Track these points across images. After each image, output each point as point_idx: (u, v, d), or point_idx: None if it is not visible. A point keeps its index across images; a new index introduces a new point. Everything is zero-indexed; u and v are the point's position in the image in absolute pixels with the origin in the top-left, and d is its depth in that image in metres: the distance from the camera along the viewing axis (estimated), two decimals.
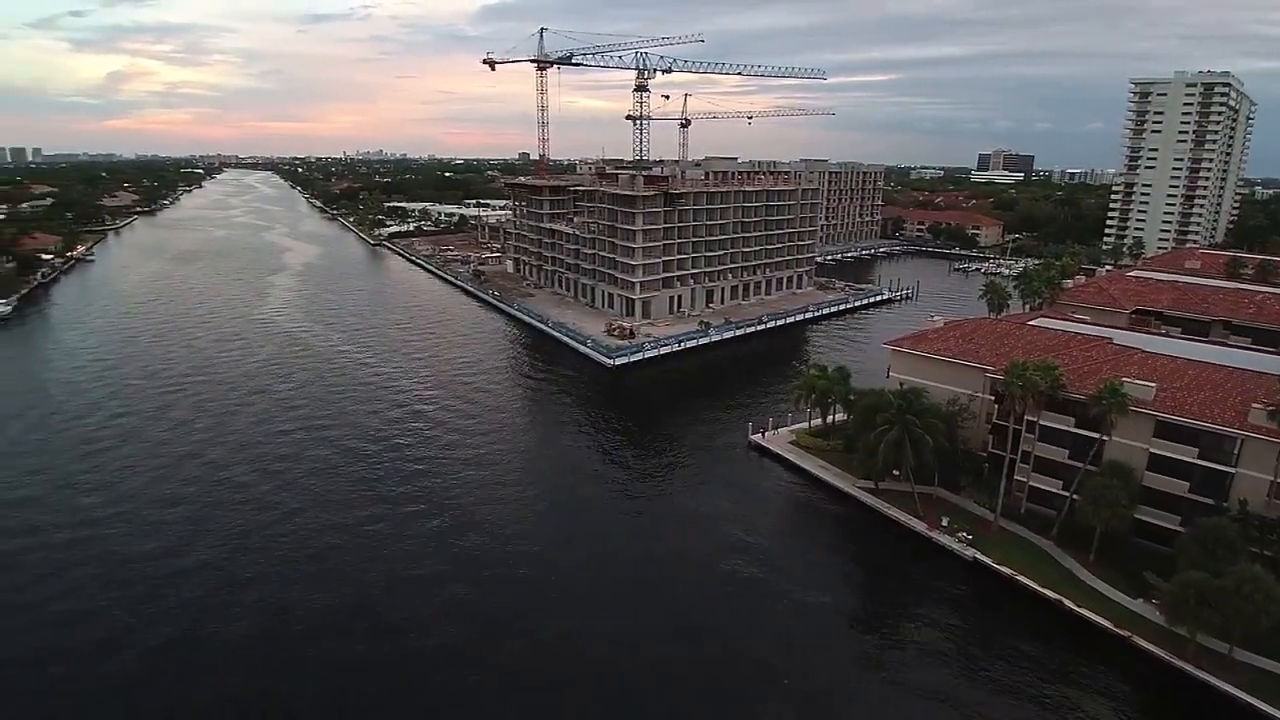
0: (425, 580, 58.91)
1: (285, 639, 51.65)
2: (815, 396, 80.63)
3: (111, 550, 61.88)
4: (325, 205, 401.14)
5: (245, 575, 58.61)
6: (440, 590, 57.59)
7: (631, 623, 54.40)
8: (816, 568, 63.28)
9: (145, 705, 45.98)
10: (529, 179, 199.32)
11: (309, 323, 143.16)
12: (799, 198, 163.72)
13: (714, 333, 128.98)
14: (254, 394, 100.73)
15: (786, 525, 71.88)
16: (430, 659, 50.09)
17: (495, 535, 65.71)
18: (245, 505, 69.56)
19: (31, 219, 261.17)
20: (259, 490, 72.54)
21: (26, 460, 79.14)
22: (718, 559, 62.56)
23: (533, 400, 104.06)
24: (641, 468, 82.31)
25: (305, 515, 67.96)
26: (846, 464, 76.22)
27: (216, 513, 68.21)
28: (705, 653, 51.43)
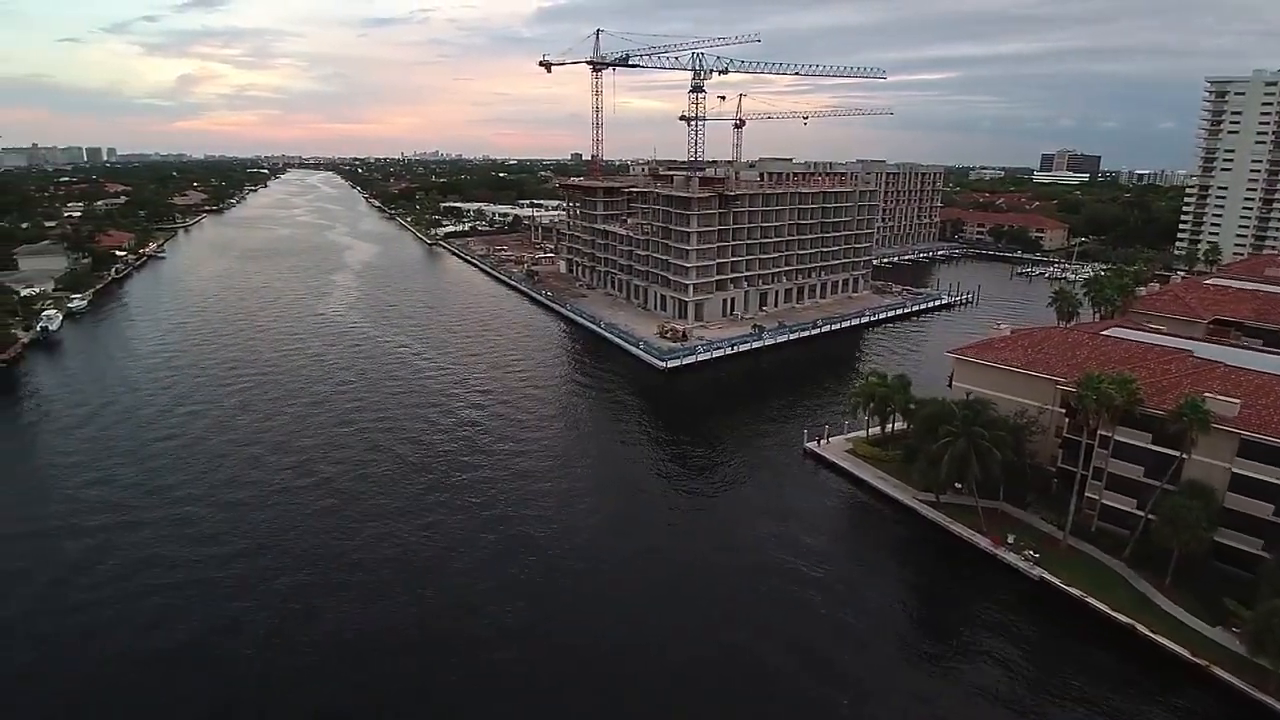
0: (474, 581, 59.51)
1: (328, 632, 52.62)
2: (874, 405, 78.86)
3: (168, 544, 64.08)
4: (384, 205, 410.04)
5: (298, 566, 60.01)
6: (489, 589, 58.12)
7: (675, 635, 53.77)
8: (873, 582, 61.87)
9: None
10: (583, 180, 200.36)
11: (368, 321, 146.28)
12: (856, 199, 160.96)
13: (767, 336, 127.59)
14: (314, 392, 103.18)
15: (842, 537, 70.45)
16: (477, 657, 50.44)
17: (545, 536, 65.96)
18: (294, 501, 71.20)
19: (106, 217, 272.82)
20: (308, 485, 74.21)
21: (102, 453, 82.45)
22: (769, 571, 61.61)
23: (584, 401, 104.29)
24: (693, 472, 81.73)
25: (356, 510, 69.28)
26: (906, 475, 74.42)
27: (270, 510, 69.97)
28: (753, 669, 50.45)
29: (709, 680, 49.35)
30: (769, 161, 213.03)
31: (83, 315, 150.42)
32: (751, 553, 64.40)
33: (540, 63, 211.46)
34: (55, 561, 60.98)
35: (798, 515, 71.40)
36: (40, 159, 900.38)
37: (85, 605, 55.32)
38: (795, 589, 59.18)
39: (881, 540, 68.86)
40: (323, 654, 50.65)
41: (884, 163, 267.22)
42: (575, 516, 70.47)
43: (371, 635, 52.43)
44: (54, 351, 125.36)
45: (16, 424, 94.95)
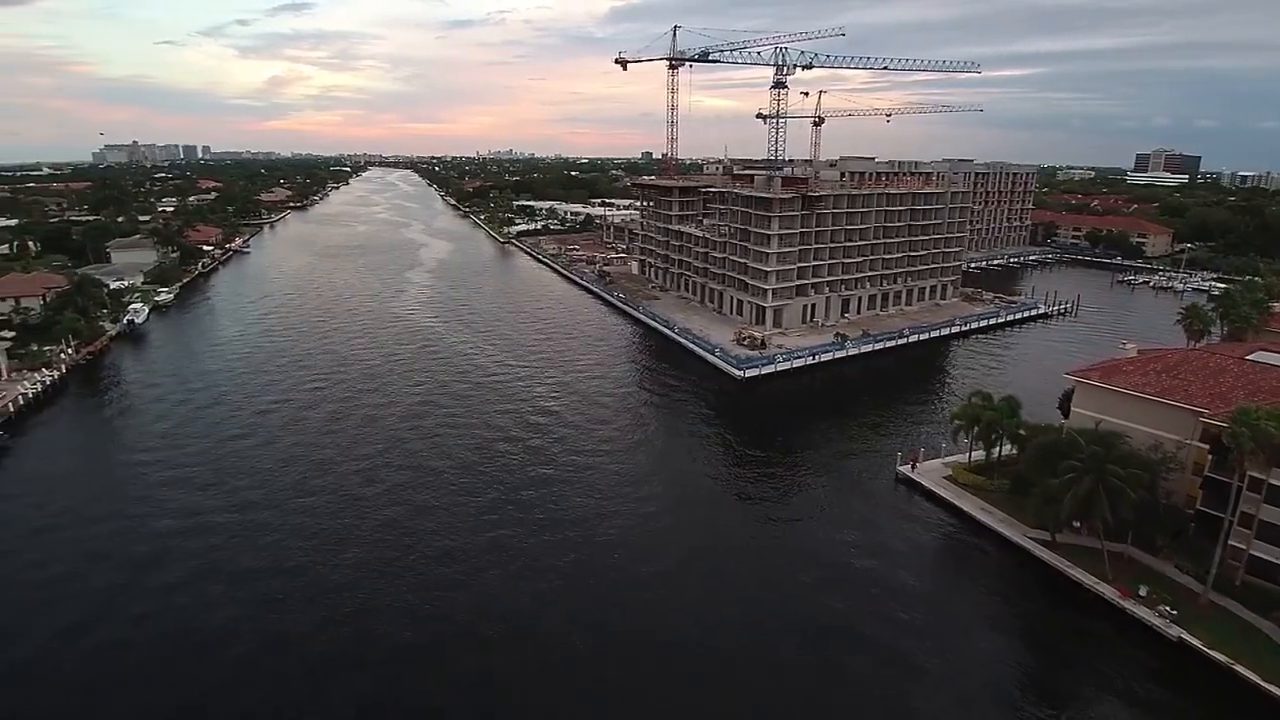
0: (541, 587, 56.91)
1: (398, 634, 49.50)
2: (979, 429, 71.77)
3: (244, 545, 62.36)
4: (458, 203, 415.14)
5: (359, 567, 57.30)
6: (554, 598, 55.56)
7: (740, 678, 48.88)
8: (975, 633, 55.17)
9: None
10: (657, 179, 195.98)
11: (439, 320, 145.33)
12: (947, 201, 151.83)
13: (850, 346, 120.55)
14: (384, 393, 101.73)
15: (941, 575, 63.68)
16: (543, 688, 46.51)
17: (614, 564, 61.82)
18: (360, 512, 68.84)
19: (196, 213, 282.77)
20: (375, 494, 71.84)
21: (175, 452, 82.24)
22: (853, 613, 55.81)
23: (657, 409, 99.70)
24: (770, 492, 76.21)
25: (421, 525, 66.46)
26: (1015, 508, 67.36)
27: (334, 520, 67.77)
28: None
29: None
30: (851, 160, 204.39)
31: (168, 309, 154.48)
32: (830, 588, 58.75)
33: (616, 60, 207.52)
34: (119, 565, 60.03)
35: (889, 548, 65.14)
36: (140, 156, 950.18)
37: (141, 619, 53.85)
38: (887, 632, 53.27)
39: (986, 582, 61.94)
40: (377, 677, 47.62)
41: (971, 162, 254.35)
42: (647, 540, 65.96)
43: (428, 661, 49.24)
44: (138, 345, 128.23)
45: (96, 417, 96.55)
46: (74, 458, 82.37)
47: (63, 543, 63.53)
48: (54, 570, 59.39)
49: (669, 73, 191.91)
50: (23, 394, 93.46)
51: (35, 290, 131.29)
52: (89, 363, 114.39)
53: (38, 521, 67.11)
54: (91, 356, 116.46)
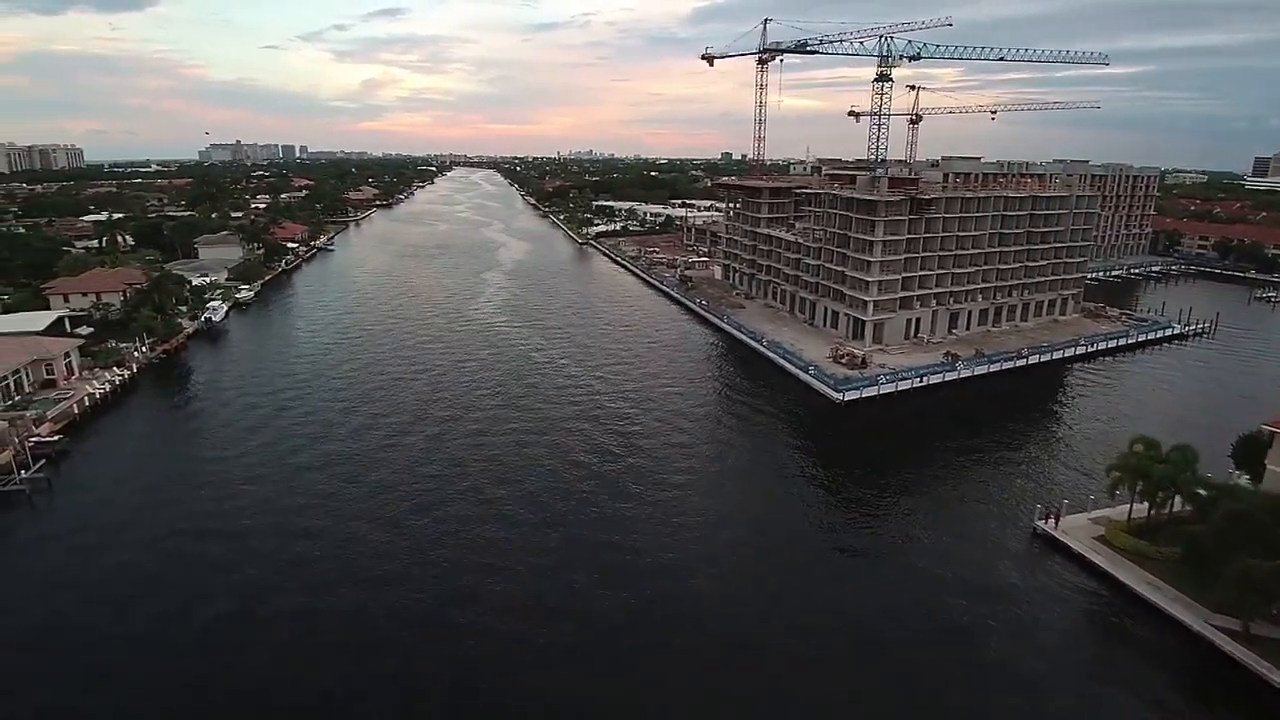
0: (615, 623, 50.50)
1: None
2: (1145, 485, 59.43)
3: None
4: (538, 203, 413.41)
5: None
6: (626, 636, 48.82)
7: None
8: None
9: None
10: (742, 179, 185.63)
11: (514, 325, 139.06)
12: (1071, 206, 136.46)
13: (962, 367, 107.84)
14: (452, 404, 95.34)
15: (1086, 666, 50.93)
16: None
17: (691, 585, 52.95)
18: (416, 542, 61.77)
19: (286, 210, 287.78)
20: (426, 524, 64.70)
21: (237, 459, 77.55)
22: (974, 704, 45.25)
23: (742, 434, 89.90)
24: (875, 544, 65.39)
25: (482, 560, 58.91)
26: (1190, 583, 54.91)
27: (391, 549, 60.92)
28: None
29: None
30: (955, 161, 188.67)
31: (248, 306, 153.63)
32: (946, 667, 48.45)
33: (702, 56, 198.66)
34: (173, 585, 54.55)
35: (1030, 626, 53.76)
36: (243, 155, 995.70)
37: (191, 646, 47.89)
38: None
39: (1154, 679, 49.43)
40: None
41: (1087, 163, 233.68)
42: (735, 588, 56.97)
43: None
44: (214, 344, 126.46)
45: (158, 422, 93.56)
46: (126, 470, 77.34)
47: (88, 570, 58.70)
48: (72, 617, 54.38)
49: (758, 68, 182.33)
50: (90, 394, 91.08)
51: (116, 286, 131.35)
52: (162, 362, 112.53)
53: (69, 543, 62.69)
54: (166, 355, 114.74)
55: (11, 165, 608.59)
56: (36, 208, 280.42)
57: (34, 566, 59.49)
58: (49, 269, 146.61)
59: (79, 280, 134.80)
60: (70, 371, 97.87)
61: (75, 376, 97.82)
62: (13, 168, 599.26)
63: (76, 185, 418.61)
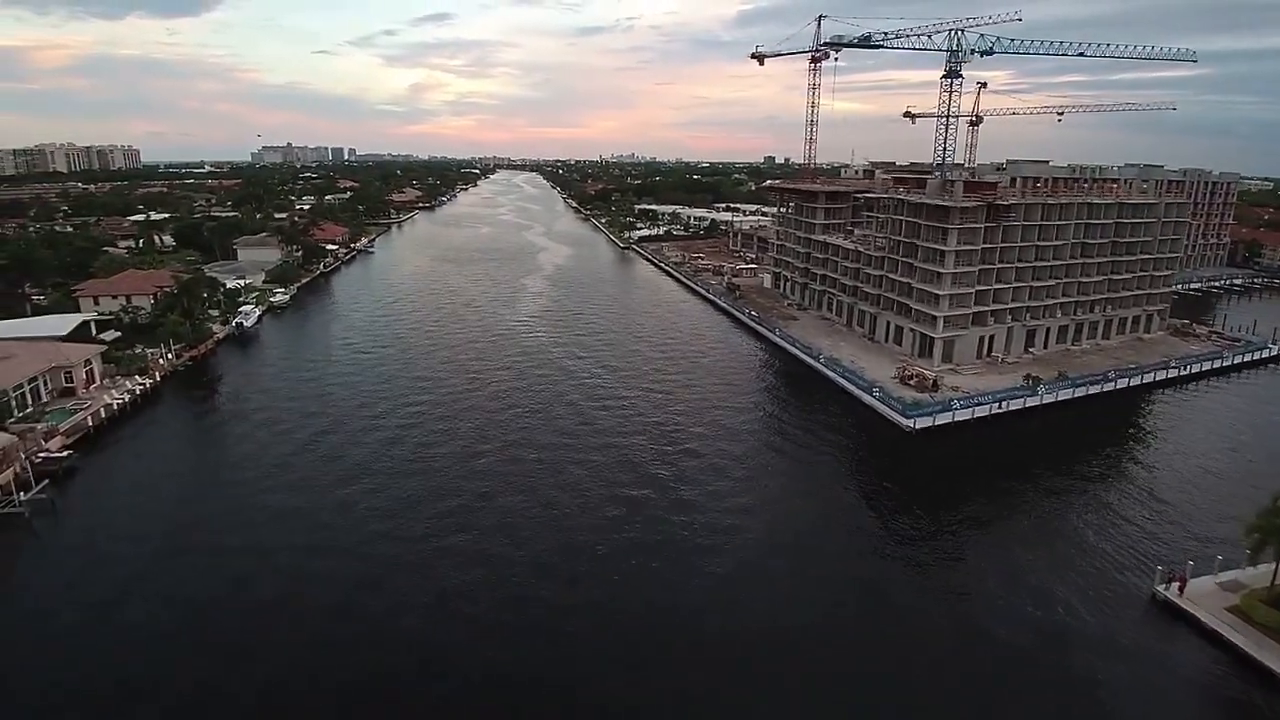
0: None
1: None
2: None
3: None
4: (580, 205, 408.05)
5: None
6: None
7: None
8: None
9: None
10: (796, 182, 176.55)
11: (552, 336, 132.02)
12: (1160, 214, 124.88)
13: (1044, 391, 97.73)
14: (480, 425, 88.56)
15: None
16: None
17: (741, 643, 44.76)
18: (430, 575, 54.79)
19: (329, 211, 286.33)
20: (441, 551, 57.70)
21: (250, 480, 71.75)
22: None
23: (800, 466, 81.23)
24: (965, 610, 55.99)
25: (500, 599, 51.71)
26: None
27: (403, 589, 54.03)
28: None
29: None
30: (1022, 164, 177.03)
31: (283, 310, 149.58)
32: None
33: (752, 55, 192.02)
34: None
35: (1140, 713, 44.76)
36: (293, 157, 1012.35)
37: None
38: None
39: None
40: None
41: (1162, 168, 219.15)
42: (791, 664, 48.52)
43: None
44: (245, 349, 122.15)
45: (177, 436, 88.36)
46: (133, 494, 71.29)
47: (82, 609, 52.87)
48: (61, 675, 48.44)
49: (810, 68, 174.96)
50: (108, 405, 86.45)
51: (147, 289, 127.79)
52: (189, 369, 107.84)
53: (67, 575, 57.13)
54: (194, 361, 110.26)
55: (70, 165, 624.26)
56: (86, 207, 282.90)
57: (26, 604, 54.07)
58: (85, 269, 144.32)
59: (110, 283, 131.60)
60: (91, 379, 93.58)
61: (96, 385, 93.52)
62: (71, 167, 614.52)
63: (129, 185, 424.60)
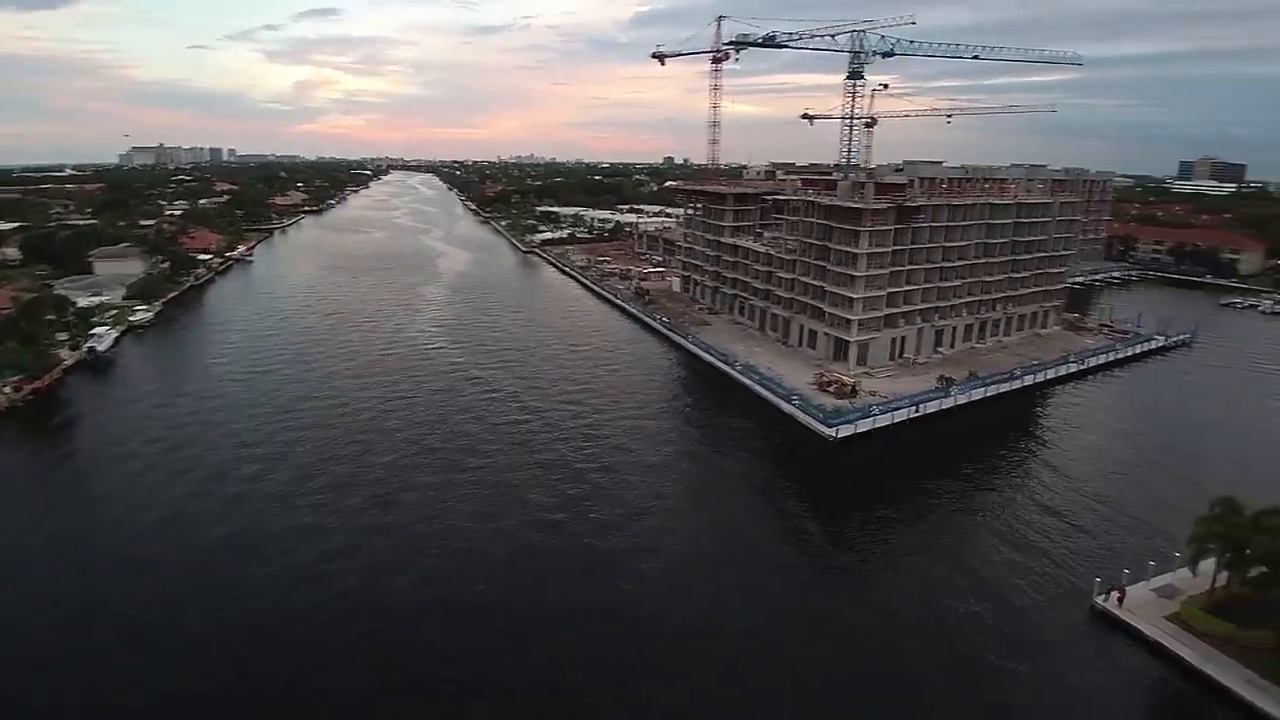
0: None
1: None
2: (1236, 559, 48.90)
3: None
4: (479, 208, 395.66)
5: None
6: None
7: None
8: None
9: None
10: (701, 183, 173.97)
11: (456, 347, 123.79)
12: (1054, 212, 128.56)
13: (957, 391, 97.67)
14: (366, 454, 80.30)
15: None
16: None
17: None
18: (307, 637, 47.41)
19: (203, 216, 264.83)
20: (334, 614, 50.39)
21: (93, 551, 61.45)
22: None
23: (720, 475, 77.43)
24: (897, 631, 52.97)
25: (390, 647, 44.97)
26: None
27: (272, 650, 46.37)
28: None
29: None
30: (919, 165, 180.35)
31: (146, 330, 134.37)
32: None
33: (653, 55, 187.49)
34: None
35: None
36: (166, 158, 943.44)
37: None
38: None
39: None
40: None
41: (1045, 167, 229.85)
42: (711, 671, 44.01)
43: None
44: (99, 377, 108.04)
45: (12, 489, 75.50)
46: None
47: None
48: None
49: (711, 69, 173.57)
50: None
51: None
52: (30, 405, 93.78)
53: None
54: (36, 395, 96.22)
55: None
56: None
57: None
58: None
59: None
60: None
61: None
62: None
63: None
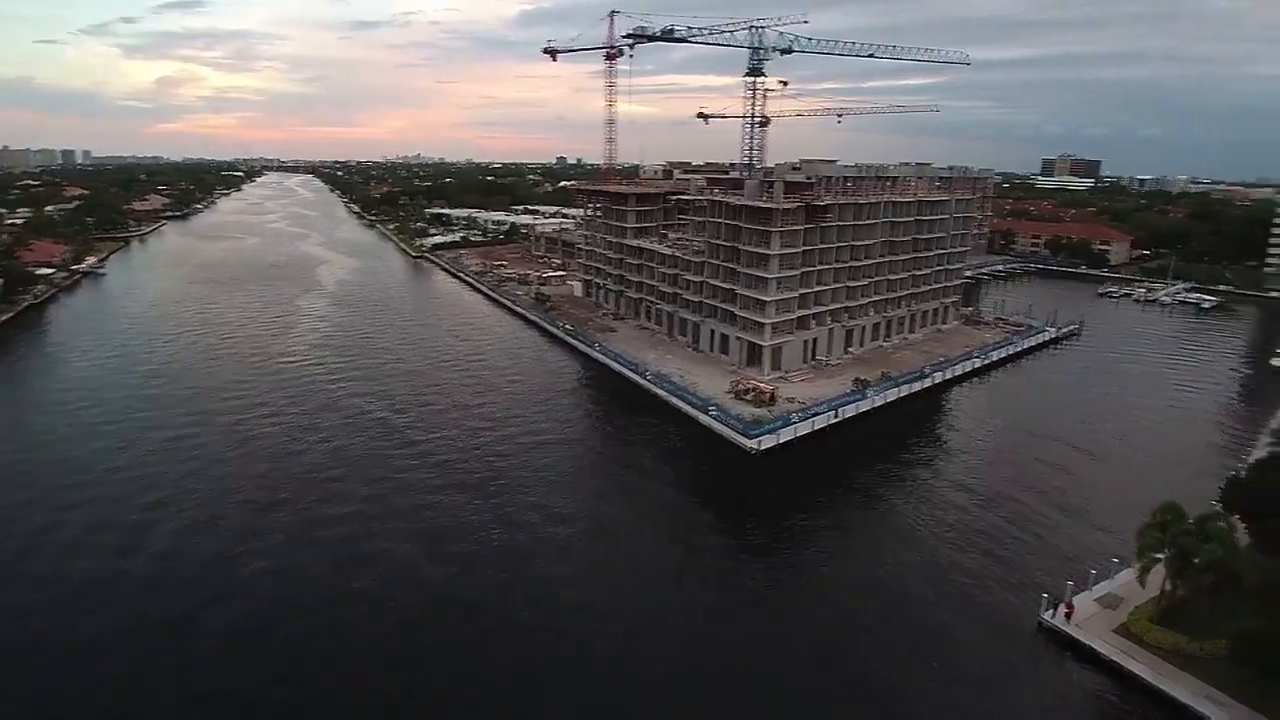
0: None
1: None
2: (1184, 567, 47.04)
3: None
4: (364, 211, 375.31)
5: None
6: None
7: None
8: None
9: None
10: (600, 183, 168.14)
11: (339, 366, 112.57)
12: (951, 210, 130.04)
13: (873, 393, 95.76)
14: (253, 479, 70.11)
15: None
16: None
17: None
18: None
19: (46, 225, 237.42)
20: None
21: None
22: None
23: (637, 496, 71.73)
24: (835, 658, 49.31)
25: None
26: (1254, 690, 42.91)
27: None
28: None
29: None
30: (816, 164, 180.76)
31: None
32: None
33: (545, 50, 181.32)
34: None
35: None
36: (11, 161, 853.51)
37: None
38: None
39: None
40: None
41: (930, 165, 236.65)
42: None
43: None
44: None
45: None
46: None
47: None
48: None
49: (606, 65, 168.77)
50: None
51: None
52: None
53: None
54: None
55: None
56: None
57: None
58: None
59: None
60: None
61: None
62: None
63: None
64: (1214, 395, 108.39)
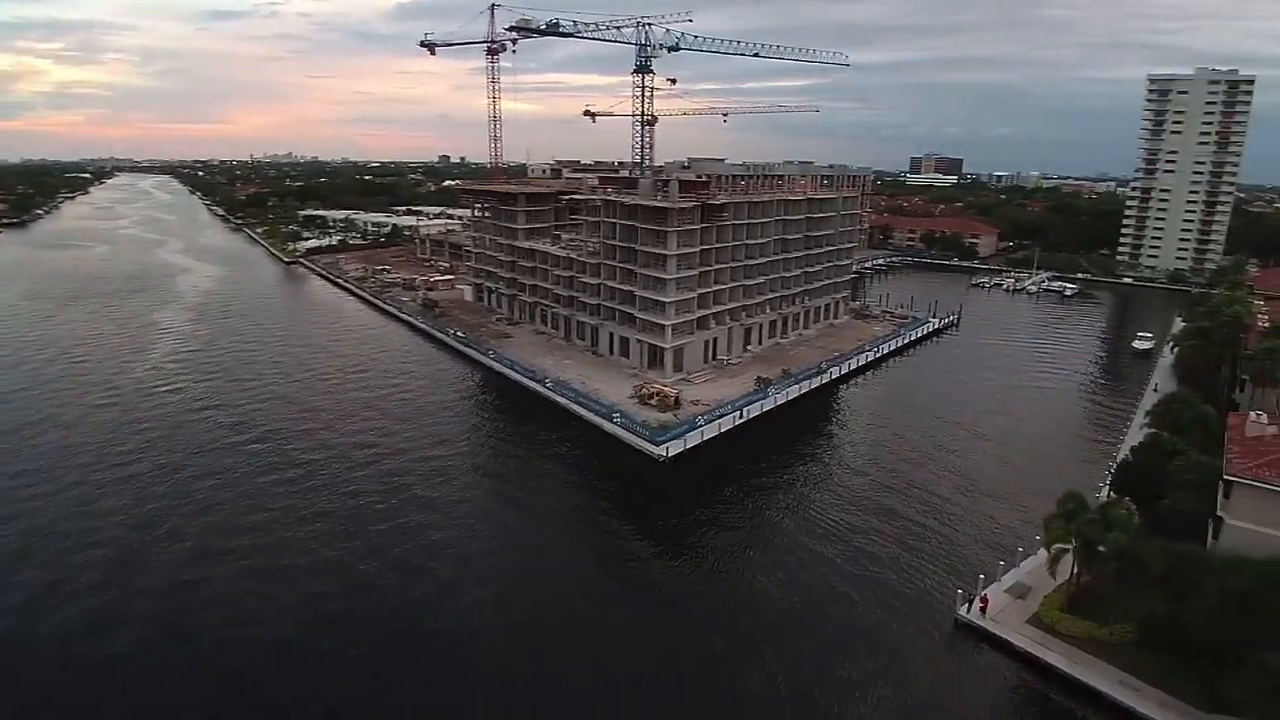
0: None
1: None
2: (1092, 557, 47.71)
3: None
4: (229, 214, 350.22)
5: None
6: None
7: None
8: None
9: None
10: (488, 183, 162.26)
11: (204, 389, 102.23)
12: (839, 207, 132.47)
13: (775, 392, 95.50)
14: (105, 527, 61.55)
15: None
16: None
17: None
18: None
19: None
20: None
21: None
22: None
23: (540, 515, 67.79)
24: (751, 663, 47.57)
25: None
26: (1167, 675, 43.92)
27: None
28: None
29: None
30: (705, 163, 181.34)
31: None
32: None
33: (422, 43, 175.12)
34: None
35: None
36: None
37: None
38: None
39: None
40: None
41: (812, 164, 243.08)
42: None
43: None
44: None
45: None
46: None
47: None
48: None
49: (488, 60, 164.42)
50: None
51: None
52: None
53: None
54: None
55: None
56: None
57: None
58: None
59: None
60: None
61: None
62: None
63: None
64: (1087, 378, 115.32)
